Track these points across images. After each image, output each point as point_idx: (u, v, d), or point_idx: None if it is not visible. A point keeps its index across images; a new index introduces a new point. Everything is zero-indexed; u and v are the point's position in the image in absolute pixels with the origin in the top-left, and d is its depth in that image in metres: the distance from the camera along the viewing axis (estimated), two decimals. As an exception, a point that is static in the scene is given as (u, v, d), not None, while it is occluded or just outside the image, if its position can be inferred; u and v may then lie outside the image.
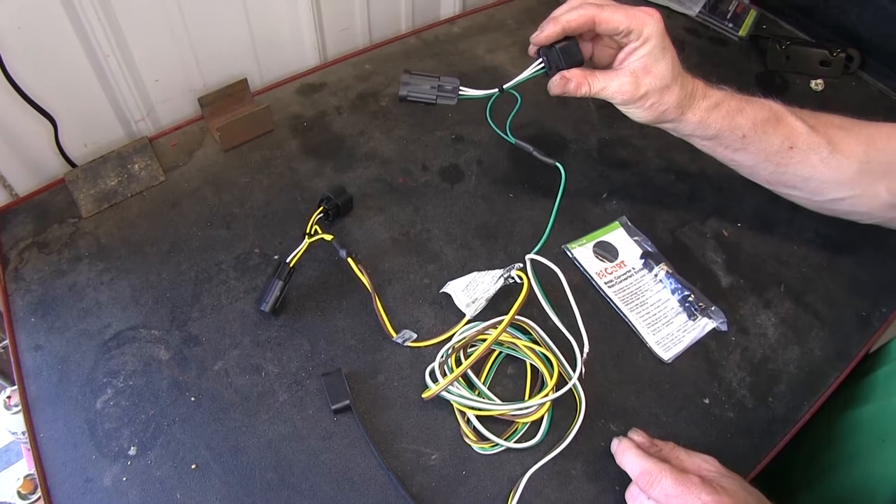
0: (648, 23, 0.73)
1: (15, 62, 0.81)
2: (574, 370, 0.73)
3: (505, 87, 0.80)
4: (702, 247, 0.91)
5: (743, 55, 1.23)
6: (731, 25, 1.27)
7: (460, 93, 0.81)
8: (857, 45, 1.19)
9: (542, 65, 0.78)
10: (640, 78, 0.74)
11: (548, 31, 0.75)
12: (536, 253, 0.83)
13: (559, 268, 0.76)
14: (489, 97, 0.82)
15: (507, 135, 0.86)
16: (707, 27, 1.29)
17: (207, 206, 0.90)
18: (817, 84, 1.17)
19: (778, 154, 0.78)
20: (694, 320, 0.82)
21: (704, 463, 0.64)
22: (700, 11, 1.29)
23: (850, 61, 1.19)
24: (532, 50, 0.79)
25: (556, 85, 0.77)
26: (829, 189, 0.79)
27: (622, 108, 0.78)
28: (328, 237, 0.79)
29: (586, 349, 0.73)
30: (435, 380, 0.73)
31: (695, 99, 0.77)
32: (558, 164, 0.85)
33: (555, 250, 0.88)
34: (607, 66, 0.79)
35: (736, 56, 1.23)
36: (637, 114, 0.78)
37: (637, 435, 0.70)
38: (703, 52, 1.23)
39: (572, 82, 0.76)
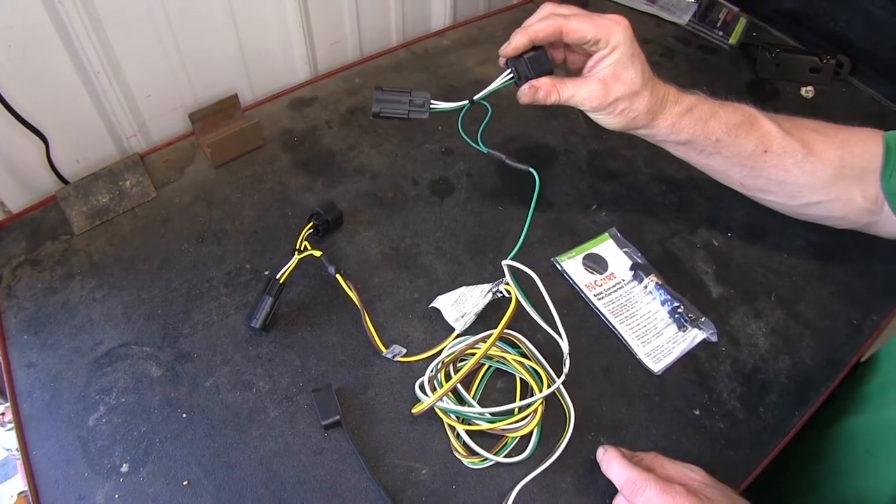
0: (616, 31, 0.74)
1: (6, 81, 0.82)
2: (559, 376, 0.73)
3: (475, 98, 0.82)
4: (692, 257, 0.91)
5: (733, 63, 1.24)
6: (721, 34, 1.27)
7: (431, 106, 0.81)
8: (847, 51, 1.20)
9: (511, 75, 0.79)
10: (609, 85, 0.75)
11: (515, 41, 0.76)
12: (513, 259, 0.83)
13: (544, 281, 0.76)
14: (460, 109, 0.82)
15: (478, 144, 0.87)
16: (697, 35, 1.29)
17: (198, 222, 0.91)
18: (807, 91, 1.18)
19: (752, 158, 0.79)
20: (684, 331, 0.82)
21: (690, 472, 0.65)
22: (690, 20, 1.30)
23: (840, 68, 1.20)
24: (502, 61, 0.80)
25: (525, 94, 0.78)
26: (805, 193, 0.80)
27: (593, 115, 0.79)
28: (318, 253, 0.79)
29: (566, 347, 0.73)
30: (425, 393, 0.73)
31: (666, 104, 0.77)
32: (531, 170, 0.85)
33: (544, 263, 0.88)
34: (579, 72, 0.79)
35: (726, 64, 1.24)
36: (608, 120, 0.78)
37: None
38: (693, 60, 1.24)
39: (541, 91, 0.77)
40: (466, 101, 0.82)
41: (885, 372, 0.81)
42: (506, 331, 0.75)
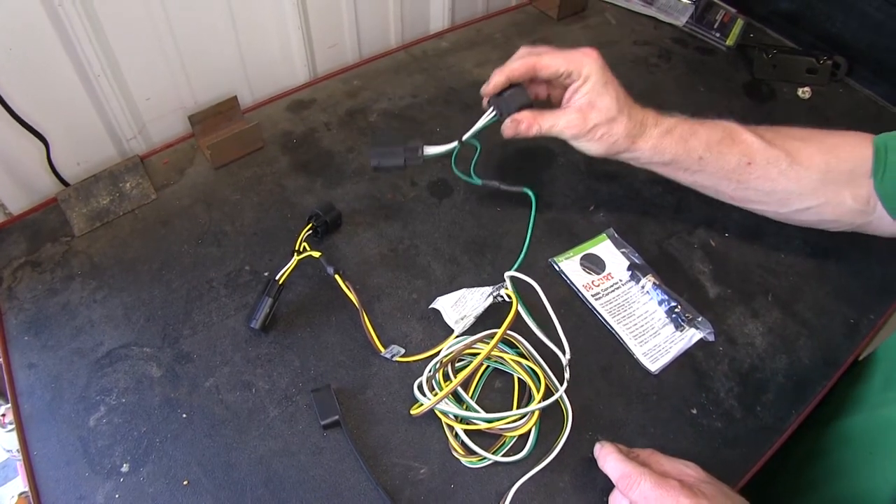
0: (586, 63, 0.78)
1: (6, 83, 0.82)
2: (561, 383, 0.74)
3: (463, 138, 0.85)
4: (689, 257, 0.91)
5: (730, 64, 1.24)
6: (718, 35, 1.28)
7: (425, 153, 0.85)
8: (844, 52, 1.20)
9: (494, 112, 0.83)
10: (586, 113, 0.79)
11: (494, 80, 0.81)
12: (516, 270, 0.83)
13: (542, 282, 0.77)
14: (452, 151, 0.86)
15: (472, 178, 0.89)
16: (694, 37, 1.30)
17: (198, 223, 0.91)
18: (804, 92, 1.18)
19: (736, 171, 0.81)
20: (681, 331, 0.82)
21: (686, 468, 0.65)
22: (687, 21, 1.30)
23: (837, 68, 1.20)
24: (484, 101, 0.84)
25: (508, 128, 0.82)
26: (794, 200, 0.81)
27: (575, 143, 0.82)
28: (316, 254, 0.80)
29: (568, 355, 0.74)
30: (423, 394, 0.73)
31: (645, 127, 0.80)
32: (527, 190, 0.87)
33: (541, 264, 0.89)
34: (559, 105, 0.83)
35: (723, 65, 1.24)
36: (590, 147, 0.81)
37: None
38: (690, 61, 1.24)
39: (523, 124, 0.81)
40: (456, 143, 0.85)
41: (882, 370, 0.82)
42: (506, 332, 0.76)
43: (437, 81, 1.15)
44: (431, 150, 0.85)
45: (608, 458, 0.66)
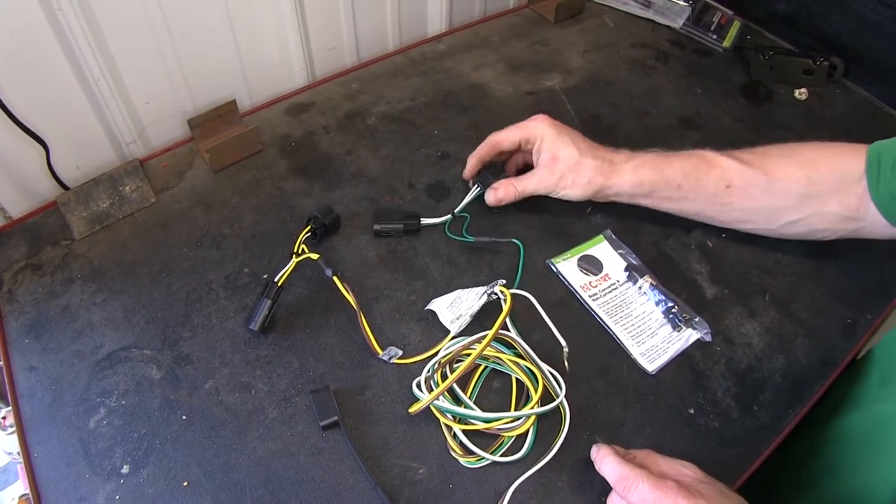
0: (536, 126, 0.89)
1: (6, 87, 0.83)
2: (560, 388, 0.74)
3: (455, 211, 0.94)
4: (686, 258, 0.92)
5: (727, 66, 1.25)
6: (714, 37, 1.28)
7: (423, 222, 0.92)
8: (840, 53, 1.21)
9: (478, 187, 0.95)
10: (551, 166, 0.88)
11: (469, 165, 0.94)
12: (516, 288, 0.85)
13: (540, 283, 0.80)
14: (446, 222, 0.94)
15: (465, 237, 0.92)
16: (691, 39, 1.30)
17: (198, 226, 0.92)
18: (801, 93, 1.19)
19: (717, 195, 0.85)
20: (678, 331, 0.83)
21: (683, 468, 0.65)
22: (684, 23, 1.31)
23: (834, 70, 1.21)
24: (469, 181, 0.97)
25: (490, 197, 0.92)
26: (780, 215, 0.84)
27: (556, 195, 0.90)
28: (315, 256, 0.80)
29: (566, 350, 0.75)
30: (422, 391, 0.74)
31: (615, 163, 0.86)
32: (515, 240, 0.91)
33: (539, 265, 0.89)
34: None
35: (720, 67, 1.25)
36: (568, 193, 0.89)
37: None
38: (687, 63, 1.25)
39: (500, 190, 0.91)
40: (450, 216, 0.94)
41: (879, 368, 0.82)
42: (501, 331, 0.76)
43: (435, 84, 1.16)
44: (428, 221, 0.93)
45: (605, 461, 0.67)
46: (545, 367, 0.76)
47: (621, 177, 0.85)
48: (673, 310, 0.84)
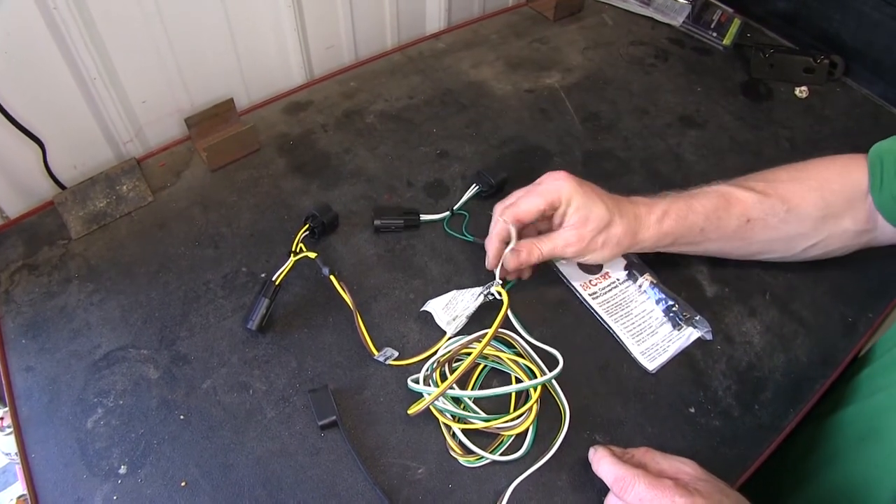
0: (560, 187, 0.78)
1: (2, 86, 0.82)
2: (556, 380, 0.74)
3: (454, 208, 0.94)
4: (686, 257, 0.91)
5: (727, 64, 1.24)
6: (715, 35, 1.28)
7: (422, 218, 0.92)
8: (841, 51, 1.20)
9: (477, 187, 0.96)
10: (580, 230, 0.78)
11: (491, 254, 0.81)
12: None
13: (540, 281, 0.80)
14: (444, 218, 0.93)
15: (465, 236, 0.91)
16: (691, 37, 1.30)
17: (195, 225, 0.91)
18: (801, 91, 1.18)
19: (739, 231, 0.82)
20: (679, 330, 0.82)
21: (683, 466, 0.65)
22: (684, 21, 1.31)
23: (834, 68, 1.20)
24: (497, 273, 0.81)
25: (510, 260, 0.80)
26: (799, 241, 0.83)
27: (582, 260, 0.82)
28: (312, 255, 0.80)
29: (561, 363, 0.74)
30: (418, 384, 0.74)
31: (641, 218, 0.80)
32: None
33: (540, 264, 0.88)
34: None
35: (720, 65, 1.24)
36: (596, 257, 0.81)
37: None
38: (687, 61, 1.24)
39: (524, 253, 0.79)
40: (448, 213, 0.93)
41: (878, 364, 0.82)
42: (501, 330, 0.76)
43: (434, 82, 1.15)
44: (427, 217, 0.92)
45: (602, 462, 0.66)
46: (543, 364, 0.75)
47: (647, 232, 0.80)
48: (673, 308, 0.83)
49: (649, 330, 0.83)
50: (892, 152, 0.78)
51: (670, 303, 0.84)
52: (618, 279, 0.88)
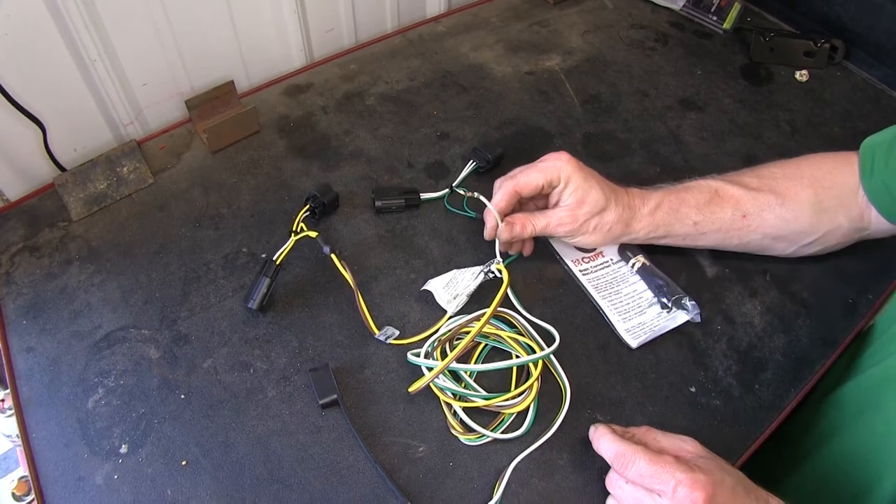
0: (562, 167, 0.80)
1: (2, 68, 0.82)
2: (556, 359, 0.74)
3: (453, 185, 0.94)
4: (687, 238, 0.91)
5: (727, 48, 1.24)
6: (715, 18, 1.27)
7: (422, 196, 0.92)
8: (841, 35, 1.20)
9: (474, 163, 0.96)
10: (575, 210, 0.80)
11: (489, 225, 0.84)
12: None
13: (537, 259, 0.80)
14: (444, 196, 0.94)
15: (466, 212, 0.92)
16: (691, 21, 1.30)
17: (196, 207, 0.91)
18: (802, 75, 1.18)
19: (734, 226, 0.83)
20: (668, 312, 0.82)
21: (683, 443, 0.65)
22: (684, 5, 1.30)
23: (835, 52, 1.20)
24: (490, 240, 0.86)
25: (504, 231, 0.82)
26: (796, 237, 0.83)
27: (571, 240, 0.84)
28: (313, 234, 0.80)
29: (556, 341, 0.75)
30: (419, 358, 0.74)
31: (635, 209, 0.82)
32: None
33: (538, 242, 0.88)
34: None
35: (720, 49, 1.24)
36: (586, 240, 0.83)
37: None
38: (687, 45, 1.24)
39: (517, 225, 0.82)
40: (448, 189, 0.94)
41: (877, 341, 0.82)
42: (501, 309, 0.76)
43: (434, 65, 1.15)
44: (427, 195, 0.93)
45: (602, 440, 0.66)
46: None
47: (640, 223, 0.82)
48: (663, 289, 0.83)
49: (637, 309, 0.83)
50: (884, 143, 0.79)
51: (660, 282, 0.84)
52: (611, 259, 0.88)
